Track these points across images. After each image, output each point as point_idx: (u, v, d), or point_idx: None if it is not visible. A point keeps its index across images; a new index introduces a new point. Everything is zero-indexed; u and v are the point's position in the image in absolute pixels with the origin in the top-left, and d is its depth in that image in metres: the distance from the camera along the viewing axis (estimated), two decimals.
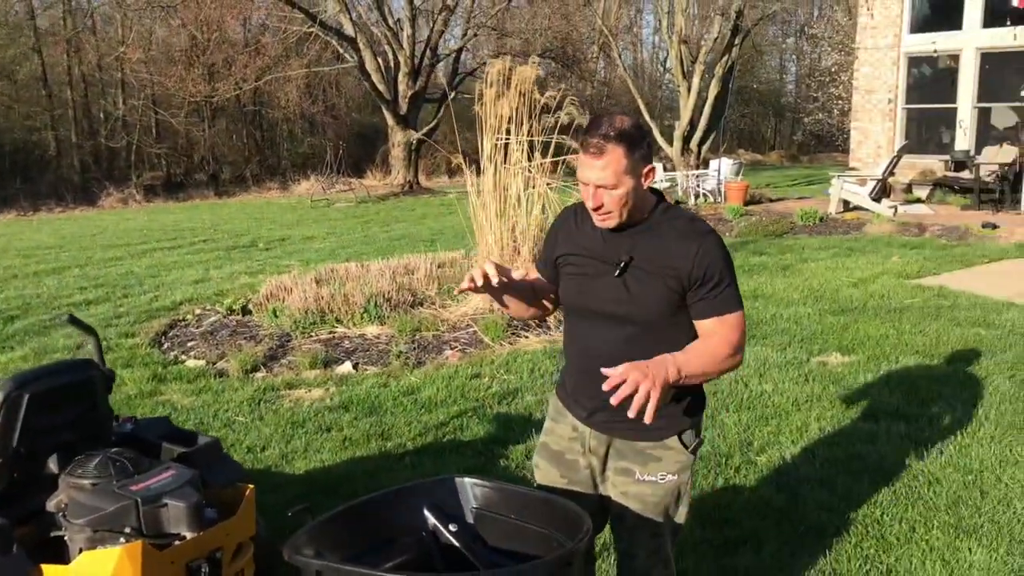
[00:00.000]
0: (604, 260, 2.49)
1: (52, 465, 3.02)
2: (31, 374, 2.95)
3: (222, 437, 5.23)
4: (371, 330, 7.55)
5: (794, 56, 47.50)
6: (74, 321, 3.56)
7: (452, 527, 2.56)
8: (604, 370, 2.18)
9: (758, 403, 5.64)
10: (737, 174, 19.86)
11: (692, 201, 18.30)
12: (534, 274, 2.76)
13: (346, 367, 6.70)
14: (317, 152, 31.14)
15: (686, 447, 2.57)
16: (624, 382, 2.14)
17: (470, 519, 2.60)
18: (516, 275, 2.58)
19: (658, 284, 2.42)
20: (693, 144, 22.31)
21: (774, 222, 14.53)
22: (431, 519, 2.58)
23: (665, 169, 20.80)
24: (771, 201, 18.02)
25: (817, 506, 4.14)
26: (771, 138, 46.87)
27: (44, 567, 2.66)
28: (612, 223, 2.45)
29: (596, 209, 2.42)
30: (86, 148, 29.68)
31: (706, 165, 21.27)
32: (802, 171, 31.89)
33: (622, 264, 2.45)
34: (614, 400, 2.14)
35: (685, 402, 2.56)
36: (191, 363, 6.99)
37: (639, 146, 2.38)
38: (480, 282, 2.40)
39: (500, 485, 2.60)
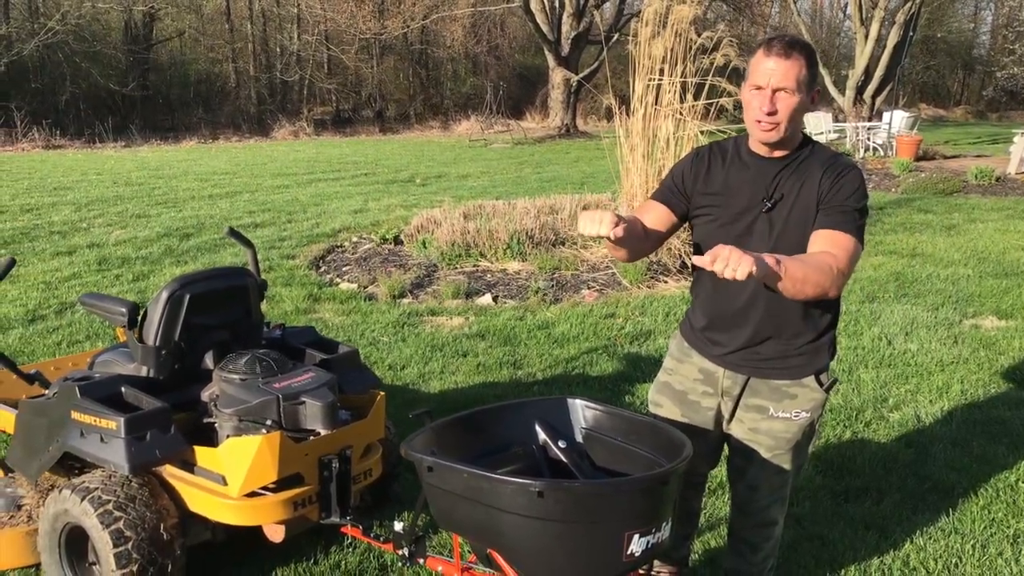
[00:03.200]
0: (750, 198, 2.48)
1: (208, 360, 3.34)
2: (193, 276, 3.25)
3: (366, 355, 5.57)
4: (512, 266, 7.74)
5: (991, 3, 43.93)
6: (234, 234, 3.87)
7: (561, 443, 2.69)
8: (695, 259, 2.14)
9: (900, 361, 5.46)
10: (912, 128, 18.78)
11: (860, 154, 17.47)
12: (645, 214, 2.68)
13: (486, 299, 6.92)
14: (478, 92, 31.57)
15: (821, 385, 2.57)
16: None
17: (579, 438, 2.72)
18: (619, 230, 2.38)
19: (802, 219, 2.41)
20: (867, 95, 21.22)
21: (944, 180, 13.71)
22: (542, 434, 2.71)
23: (836, 119, 19.90)
24: (945, 158, 16.99)
25: (947, 465, 4.02)
26: (957, 92, 43.85)
27: (196, 448, 2.97)
28: (776, 136, 2.41)
29: (770, 114, 2.37)
30: (262, 81, 31.26)
31: (879, 117, 20.20)
32: (987, 129, 29.75)
33: (772, 201, 2.44)
34: (716, 266, 2.03)
35: (824, 340, 2.58)
36: (344, 286, 7.39)
37: (815, 63, 2.44)
38: (600, 227, 2.27)
39: (610, 409, 2.70)
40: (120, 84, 27.44)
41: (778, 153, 2.48)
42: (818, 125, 18.58)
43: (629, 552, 2.20)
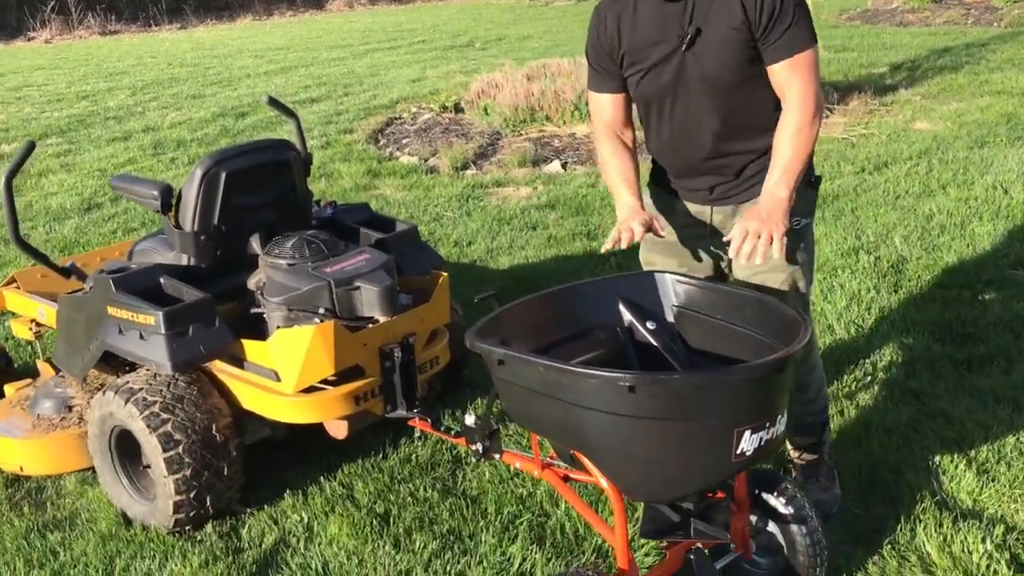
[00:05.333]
0: (664, 40, 2.27)
1: (254, 245, 3.04)
2: (229, 152, 2.91)
3: (429, 231, 5.24)
4: (581, 129, 7.23)
5: None
6: (274, 103, 3.50)
7: (650, 324, 2.33)
8: (727, 239, 2.14)
9: (1018, 212, 4.90)
10: None
11: None
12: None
13: (554, 166, 6.48)
14: None
15: (810, 184, 2.42)
16: (746, 238, 2.09)
17: (670, 317, 2.35)
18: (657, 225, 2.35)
19: (729, 42, 2.22)
20: None
21: None
22: (627, 315, 2.35)
23: None
24: None
25: None
26: None
27: (245, 342, 2.70)
28: None
29: None
30: None
31: None
32: None
33: (688, 37, 2.23)
34: (738, 255, 2.10)
35: None
36: (404, 159, 7.02)
37: None
38: (626, 244, 2.25)
39: (705, 283, 2.31)
40: None
41: None
42: None
43: (740, 451, 1.86)
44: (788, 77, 2.21)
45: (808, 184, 2.39)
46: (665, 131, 2.39)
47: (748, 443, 1.87)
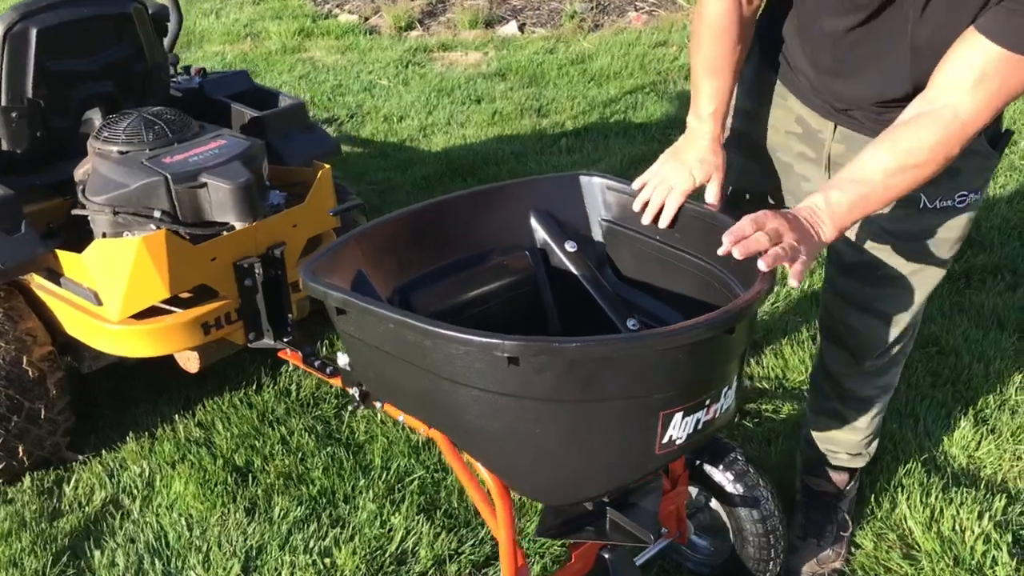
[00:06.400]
0: None
1: (95, 123, 2.39)
2: (39, 3, 2.23)
3: (358, 104, 4.56)
4: None
5: None
6: None
7: (570, 245, 1.76)
8: (725, 236, 1.27)
9: None
10: None
11: None
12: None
13: (510, 28, 5.73)
14: None
15: (994, 146, 1.54)
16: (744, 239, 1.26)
17: (598, 235, 1.78)
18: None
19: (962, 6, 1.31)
20: None
21: None
22: (540, 232, 1.77)
23: None
24: None
25: None
26: None
27: (61, 253, 2.11)
28: None
29: None
30: None
31: None
32: None
33: None
34: (733, 251, 1.25)
35: None
36: (344, 17, 6.22)
37: None
38: (649, 217, 1.62)
39: None
40: None
41: None
42: None
43: (667, 439, 1.34)
44: (984, 63, 1.28)
45: (991, 145, 1.54)
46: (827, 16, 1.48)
47: (679, 429, 1.34)
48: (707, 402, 1.35)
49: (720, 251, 1.28)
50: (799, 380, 2.43)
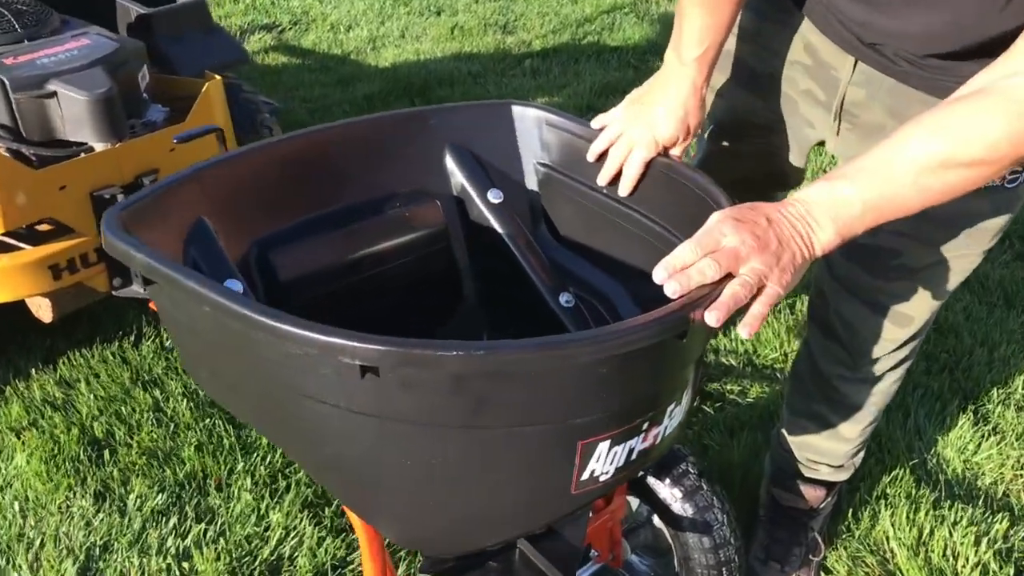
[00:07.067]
0: None
1: None
2: None
3: (304, 10, 4.09)
4: None
5: None
6: None
7: (494, 195, 1.38)
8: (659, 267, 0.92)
9: None
10: None
11: None
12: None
13: None
14: None
15: None
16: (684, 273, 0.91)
17: (531, 183, 1.41)
18: None
19: None
20: None
21: None
22: (457, 175, 1.39)
23: None
24: None
25: None
26: None
27: None
28: None
29: None
30: None
31: None
32: None
33: None
34: (666, 289, 0.90)
35: None
36: None
37: None
38: (606, 177, 1.26)
39: (594, 130, 1.32)
40: None
41: None
42: None
43: (587, 475, 0.98)
44: None
45: None
46: None
47: (604, 462, 0.99)
48: (645, 426, 1.00)
49: (655, 279, 0.90)
50: (772, 357, 2.09)
